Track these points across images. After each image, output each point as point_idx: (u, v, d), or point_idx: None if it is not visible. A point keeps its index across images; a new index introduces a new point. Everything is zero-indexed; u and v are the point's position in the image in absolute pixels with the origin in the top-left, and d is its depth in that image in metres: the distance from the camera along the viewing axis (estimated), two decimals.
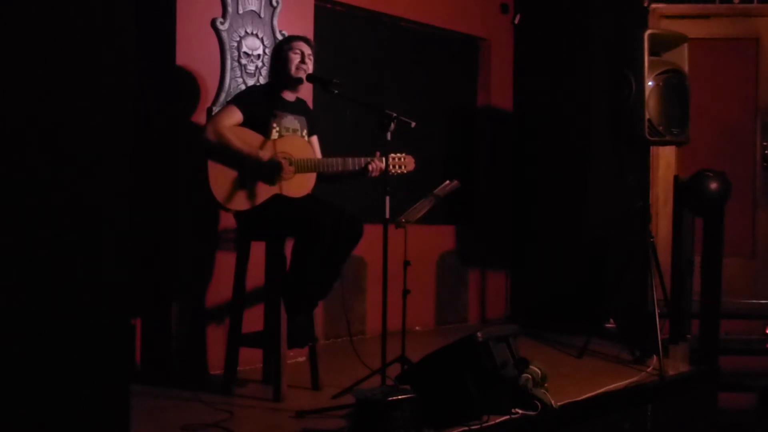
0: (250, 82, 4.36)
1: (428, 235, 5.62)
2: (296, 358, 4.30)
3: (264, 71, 4.41)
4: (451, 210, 5.89)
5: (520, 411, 3.37)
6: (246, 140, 3.58)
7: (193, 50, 4.15)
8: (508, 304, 6.36)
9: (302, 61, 3.75)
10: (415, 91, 5.82)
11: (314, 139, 3.94)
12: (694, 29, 5.41)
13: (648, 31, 4.56)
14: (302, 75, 3.75)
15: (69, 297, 2.14)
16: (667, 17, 5.83)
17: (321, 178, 3.85)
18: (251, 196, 3.58)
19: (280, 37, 4.41)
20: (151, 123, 4.07)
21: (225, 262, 4.15)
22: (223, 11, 4.26)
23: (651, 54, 4.53)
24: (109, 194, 2.23)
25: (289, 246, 3.62)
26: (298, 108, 3.85)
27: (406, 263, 3.76)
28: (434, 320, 5.84)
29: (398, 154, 3.75)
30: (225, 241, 4.21)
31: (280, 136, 3.69)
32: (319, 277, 3.58)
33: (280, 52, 3.78)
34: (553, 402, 3.42)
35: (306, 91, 4.01)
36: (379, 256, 3.40)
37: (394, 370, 3.58)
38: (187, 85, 4.15)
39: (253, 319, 3.95)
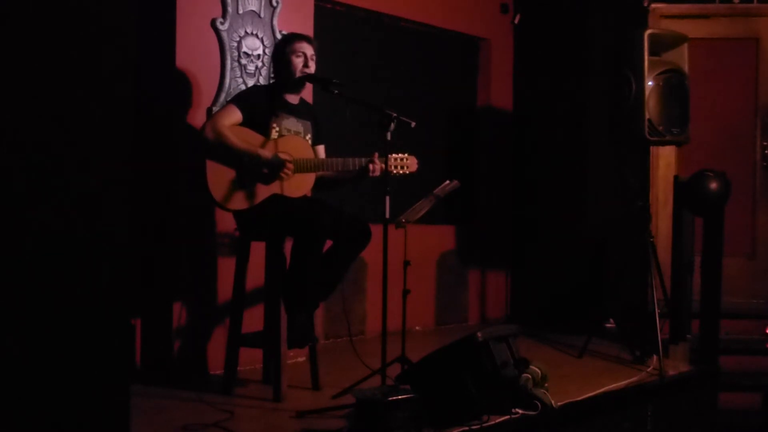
0: (250, 82, 4.36)
1: (428, 235, 5.62)
2: (296, 358, 4.30)
3: (264, 71, 4.42)
4: (451, 210, 5.89)
5: (520, 411, 3.37)
6: (245, 140, 3.57)
7: (193, 50, 4.15)
8: (508, 304, 6.37)
9: (305, 65, 3.72)
10: (415, 91, 5.82)
11: (321, 148, 3.91)
12: (694, 29, 5.41)
13: (648, 31, 4.56)
14: (303, 76, 3.74)
15: (69, 297, 2.14)
16: (667, 17, 5.83)
17: (321, 184, 3.84)
18: (250, 195, 3.58)
19: (280, 38, 4.40)
20: (151, 123, 4.07)
21: (225, 263, 4.16)
22: (223, 11, 4.26)
23: (651, 54, 4.53)
24: (109, 194, 2.23)
25: (289, 246, 3.61)
26: (302, 111, 3.84)
27: (406, 263, 3.77)
28: (434, 320, 5.84)
29: (401, 155, 3.74)
30: (225, 241, 4.21)
31: (280, 136, 3.69)
32: (319, 277, 3.57)
33: (282, 53, 3.75)
34: (553, 402, 3.42)
35: (306, 91, 4.01)
36: (379, 256, 3.40)
37: (394, 370, 3.58)
38: (187, 85, 4.15)
39: (253, 319, 3.95)
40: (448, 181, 3.94)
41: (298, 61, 3.71)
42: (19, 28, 2.06)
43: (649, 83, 4.48)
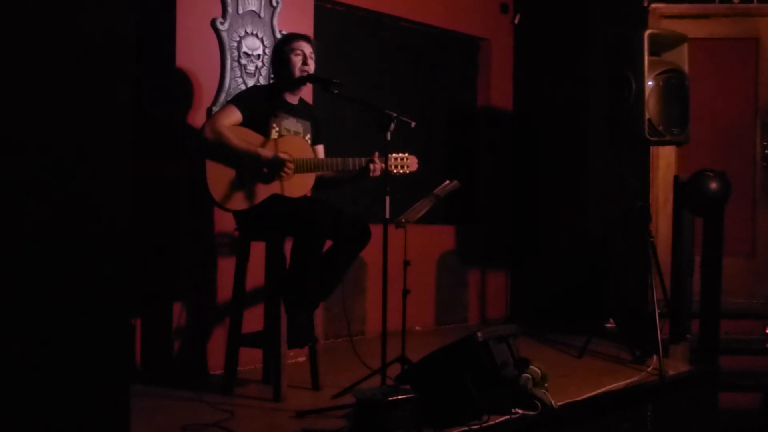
0: (250, 82, 4.36)
1: (428, 235, 5.62)
2: (296, 358, 4.30)
3: (264, 71, 4.42)
4: (451, 210, 5.89)
5: (520, 411, 3.37)
6: (245, 139, 3.57)
7: (193, 50, 4.15)
8: (508, 304, 6.37)
9: (304, 63, 3.73)
10: (415, 91, 5.82)
11: (320, 147, 3.92)
12: (694, 29, 5.41)
13: (648, 31, 4.56)
14: (303, 76, 3.74)
15: (69, 297, 2.14)
16: (667, 17, 5.83)
17: (322, 183, 3.84)
18: (249, 196, 3.58)
19: (279, 37, 4.40)
20: (151, 123, 4.07)
21: (225, 263, 4.16)
22: (223, 11, 4.26)
23: (651, 54, 4.53)
24: (109, 194, 2.23)
25: (289, 246, 3.61)
26: (301, 111, 3.84)
27: (406, 263, 3.77)
28: (434, 320, 5.84)
29: (401, 154, 3.74)
30: (225, 241, 4.21)
31: (280, 136, 3.69)
32: (319, 277, 3.57)
33: (281, 53, 3.75)
34: (553, 402, 3.43)
35: (306, 91, 4.01)
36: (379, 256, 3.40)
37: (394, 370, 3.58)
38: (187, 85, 4.15)
39: (253, 319, 3.95)
40: (448, 181, 3.94)
41: (297, 60, 3.71)
42: (20, 29, 2.06)
43: (649, 83, 4.48)
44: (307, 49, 3.75)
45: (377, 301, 3.79)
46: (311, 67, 3.75)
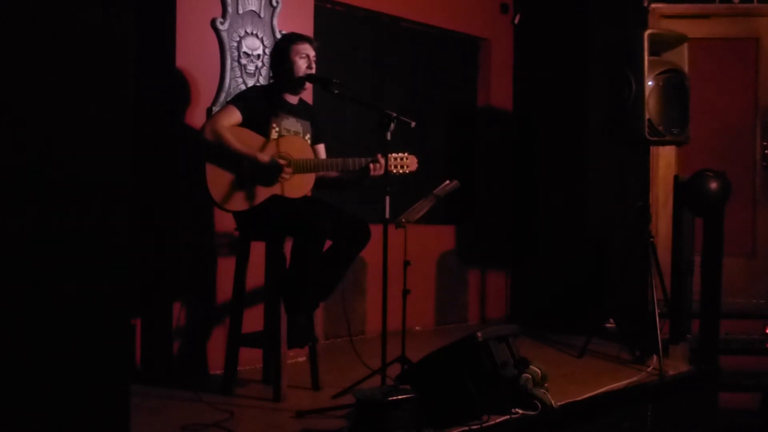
0: (250, 82, 4.36)
1: (428, 235, 5.62)
2: (296, 358, 4.30)
3: (264, 71, 4.41)
4: (451, 210, 5.89)
5: (520, 411, 3.37)
6: (245, 141, 3.57)
7: (193, 50, 4.15)
8: (508, 304, 6.37)
9: (309, 66, 3.73)
10: (415, 91, 5.82)
11: (321, 147, 3.91)
12: (694, 29, 5.41)
13: (648, 31, 4.57)
14: (303, 76, 3.74)
15: (69, 297, 2.14)
16: (667, 17, 5.83)
17: (323, 184, 3.84)
18: (249, 196, 3.58)
19: (280, 37, 4.40)
20: (151, 123, 4.07)
21: (225, 263, 4.16)
22: (223, 11, 4.26)
23: (651, 54, 4.53)
24: (109, 194, 2.23)
25: (289, 246, 3.61)
26: (301, 111, 3.84)
27: (406, 263, 3.77)
28: (434, 320, 5.84)
29: (401, 154, 3.74)
30: (225, 241, 4.21)
31: (280, 136, 3.69)
32: (319, 277, 3.57)
33: (284, 53, 3.74)
34: (553, 402, 3.43)
35: (306, 91, 4.01)
36: (379, 256, 3.40)
37: (394, 370, 3.58)
38: (187, 85, 4.15)
39: (253, 319, 3.95)
40: (448, 181, 3.94)
41: (302, 63, 3.71)
42: (20, 28, 2.06)
43: (649, 83, 4.48)
44: (311, 52, 3.75)
45: (377, 301, 3.79)
46: (314, 69, 3.75)
